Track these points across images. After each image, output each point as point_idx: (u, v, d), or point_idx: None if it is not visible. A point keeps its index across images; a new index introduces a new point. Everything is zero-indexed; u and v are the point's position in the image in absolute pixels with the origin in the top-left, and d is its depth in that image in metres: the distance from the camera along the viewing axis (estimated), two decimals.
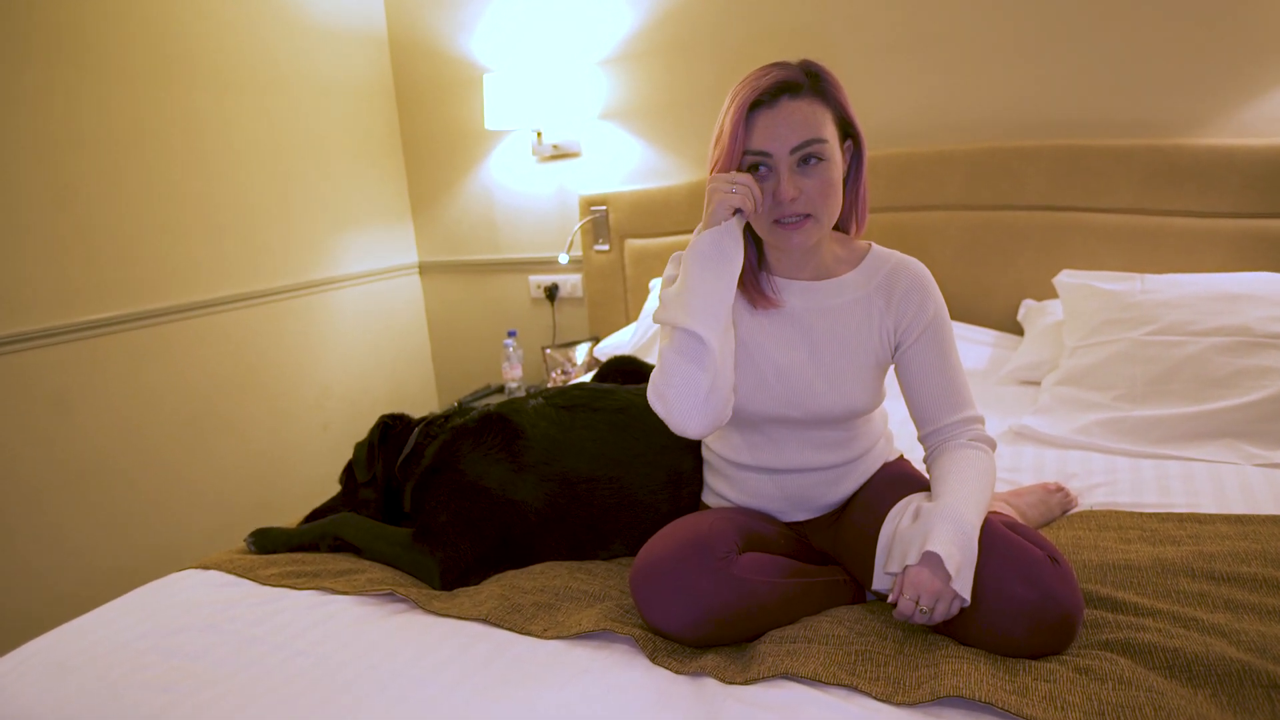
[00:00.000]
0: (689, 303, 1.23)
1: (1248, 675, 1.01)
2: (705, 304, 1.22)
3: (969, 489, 1.22)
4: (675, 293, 1.25)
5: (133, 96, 2.54)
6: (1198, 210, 2.25)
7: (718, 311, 1.23)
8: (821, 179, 1.24)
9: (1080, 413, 1.93)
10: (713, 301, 1.23)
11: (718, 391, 1.24)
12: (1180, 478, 1.66)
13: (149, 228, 2.59)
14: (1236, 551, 1.31)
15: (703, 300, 1.22)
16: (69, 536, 2.41)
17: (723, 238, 1.24)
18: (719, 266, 1.24)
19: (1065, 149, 2.39)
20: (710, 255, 1.24)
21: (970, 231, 2.53)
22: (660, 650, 1.18)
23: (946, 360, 1.35)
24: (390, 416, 1.75)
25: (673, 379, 1.23)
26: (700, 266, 1.24)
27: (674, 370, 1.23)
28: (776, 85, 1.23)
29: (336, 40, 3.21)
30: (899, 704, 1.02)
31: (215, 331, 2.80)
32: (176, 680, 1.19)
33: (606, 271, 3.18)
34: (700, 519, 1.31)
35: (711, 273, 1.23)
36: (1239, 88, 2.25)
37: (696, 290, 1.23)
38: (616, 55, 3.04)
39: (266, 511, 2.83)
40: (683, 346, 1.22)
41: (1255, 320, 1.87)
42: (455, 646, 1.22)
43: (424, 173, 3.52)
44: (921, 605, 1.10)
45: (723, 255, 1.24)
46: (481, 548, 1.48)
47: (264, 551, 1.62)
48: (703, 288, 1.23)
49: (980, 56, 2.53)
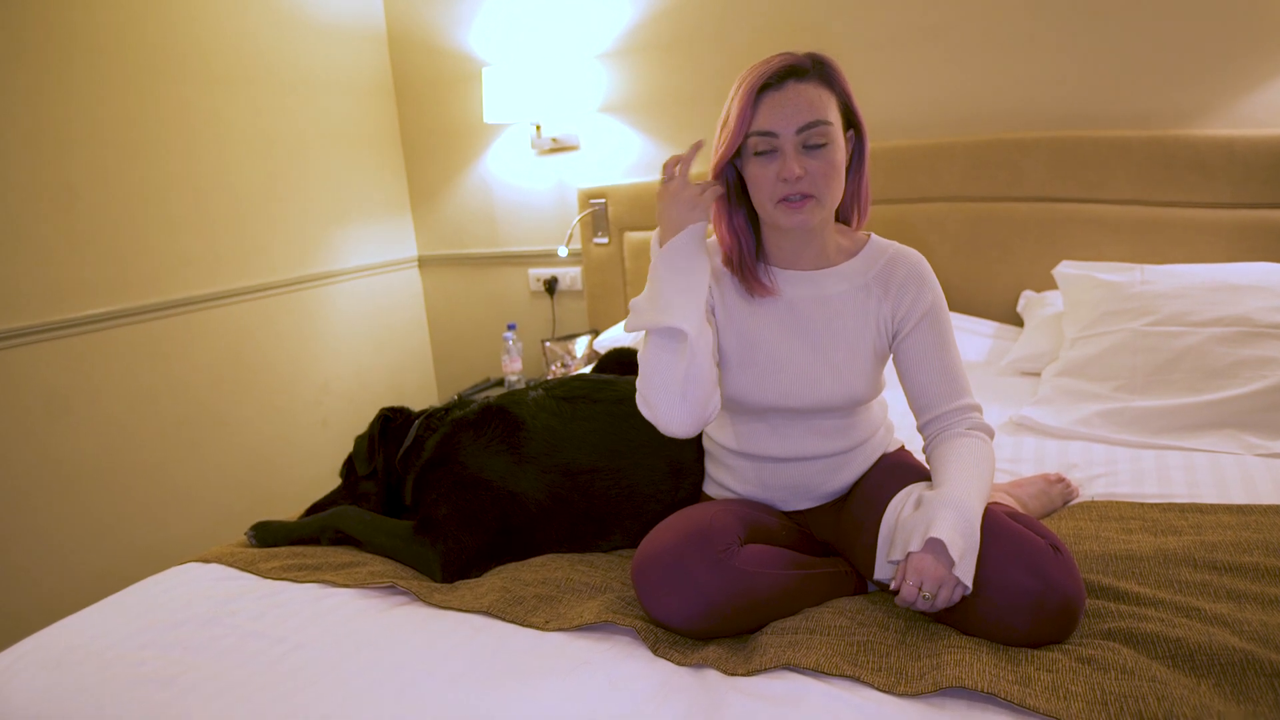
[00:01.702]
0: (660, 303, 1.25)
1: (1250, 664, 1.01)
2: (677, 299, 1.25)
3: (970, 476, 1.22)
4: (644, 298, 1.28)
5: (130, 92, 2.53)
6: (1197, 201, 2.25)
7: (690, 304, 1.25)
8: (825, 160, 1.25)
9: (1081, 403, 1.93)
10: (685, 297, 1.25)
11: (696, 383, 1.24)
12: (1181, 468, 1.66)
13: (147, 223, 2.59)
14: (1238, 541, 1.31)
15: (674, 297, 1.25)
16: (66, 534, 2.41)
17: (689, 243, 1.27)
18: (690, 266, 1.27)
19: (1064, 140, 2.38)
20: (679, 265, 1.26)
21: (969, 223, 2.53)
22: (662, 642, 1.18)
23: (944, 349, 1.35)
24: (390, 410, 1.74)
25: (652, 378, 1.26)
26: (670, 271, 1.26)
27: (652, 369, 1.26)
28: (784, 69, 1.25)
29: (335, 35, 3.20)
30: (901, 694, 1.02)
31: (213, 327, 2.79)
32: (178, 674, 1.19)
33: (606, 264, 3.18)
34: (702, 510, 1.31)
35: (682, 274, 1.26)
36: (1237, 78, 2.25)
37: (665, 290, 1.25)
38: (616, 48, 3.04)
39: (266, 506, 2.82)
40: (656, 344, 1.26)
41: (1255, 310, 1.87)
42: (457, 639, 1.22)
43: (423, 166, 3.51)
44: (925, 591, 1.10)
45: (691, 261, 1.27)
46: (482, 540, 1.48)
47: (265, 545, 1.62)
48: (672, 286, 1.26)
49: (979, 49, 2.52)
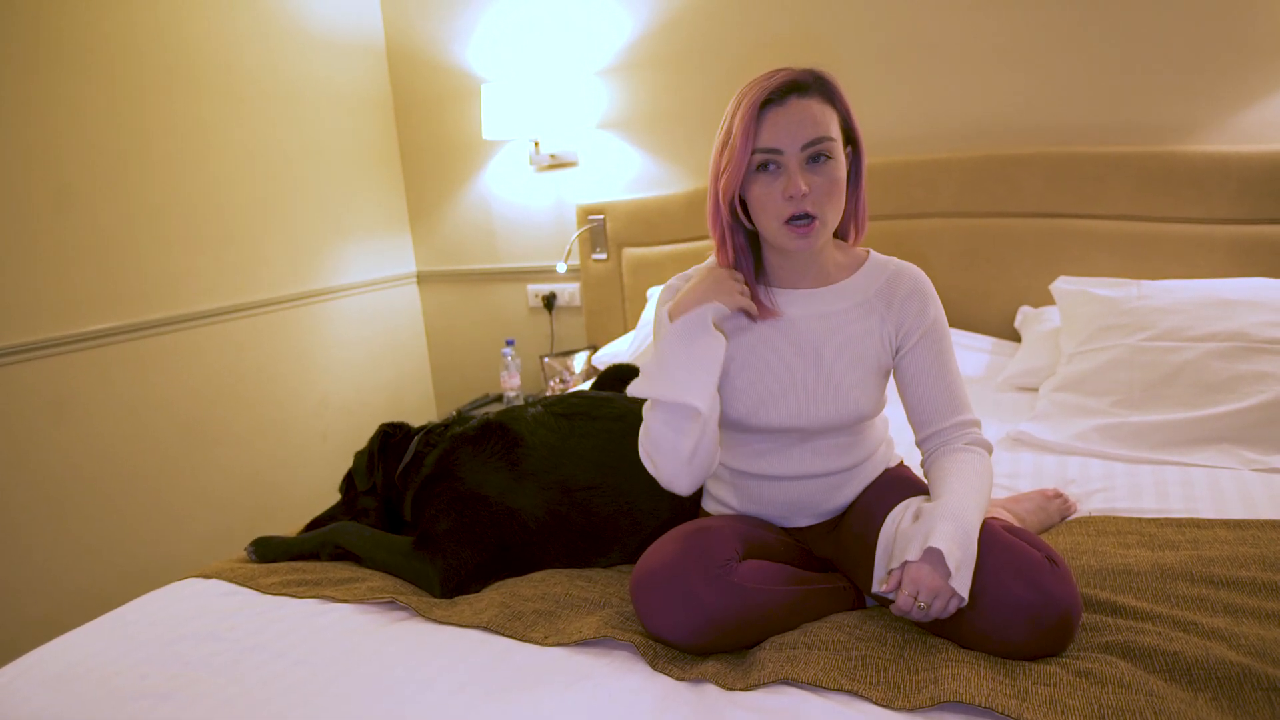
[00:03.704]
0: (674, 376, 1.25)
1: (1247, 678, 1.01)
2: (693, 375, 1.24)
3: (968, 489, 1.22)
4: (656, 366, 1.27)
5: (130, 107, 2.55)
6: (1193, 216, 2.26)
7: (705, 380, 1.25)
8: (828, 177, 1.25)
9: (1078, 419, 1.93)
10: (700, 373, 1.25)
11: (704, 452, 1.28)
12: (1178, 483, 1.66)
13: (146, 238, 2.60)
14: (1235, 556, 1.31)
15: (689, 372, 1.25)
16: (65, 550, 2.41)
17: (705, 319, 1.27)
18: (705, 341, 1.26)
19: (1061, 155, 2.40)
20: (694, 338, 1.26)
21: (966, 239, 2.54)
22: (661, 657, 1.18)
23: (944, 364, 1.35)
24: (390, 425, 1.75)
25: (660, 445, 1.27)
26: (685, 343, 1.26)
27: (660, 437, 1.27)
28: (786, 84, 1.24)
29: (334, 51, 3.22)
30: (899, 709, 1.02)
31: (212, 343, 2.80)
32: (177, 688, 1.19)
33: (604, 280, 3.19)
34: (700, 526, 1.31)
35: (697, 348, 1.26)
36: (1234, 94, 2.26)
37: (680, 363, 1.25)
38: (614, 65, 3.06)
39: (266, 521, 2.82)
40: (666, 417, 1.26)
41: (1252, 325, 1.88)
42: (456, 654, 1.22)
43: (422, 182, 3.53)
44: (920, 601, 1.10)
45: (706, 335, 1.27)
46: (481, 555, 1.48)
47: (264, 560, 1.62)
48: (687, 360, 1.25)
49: (975, 64, 2.54)
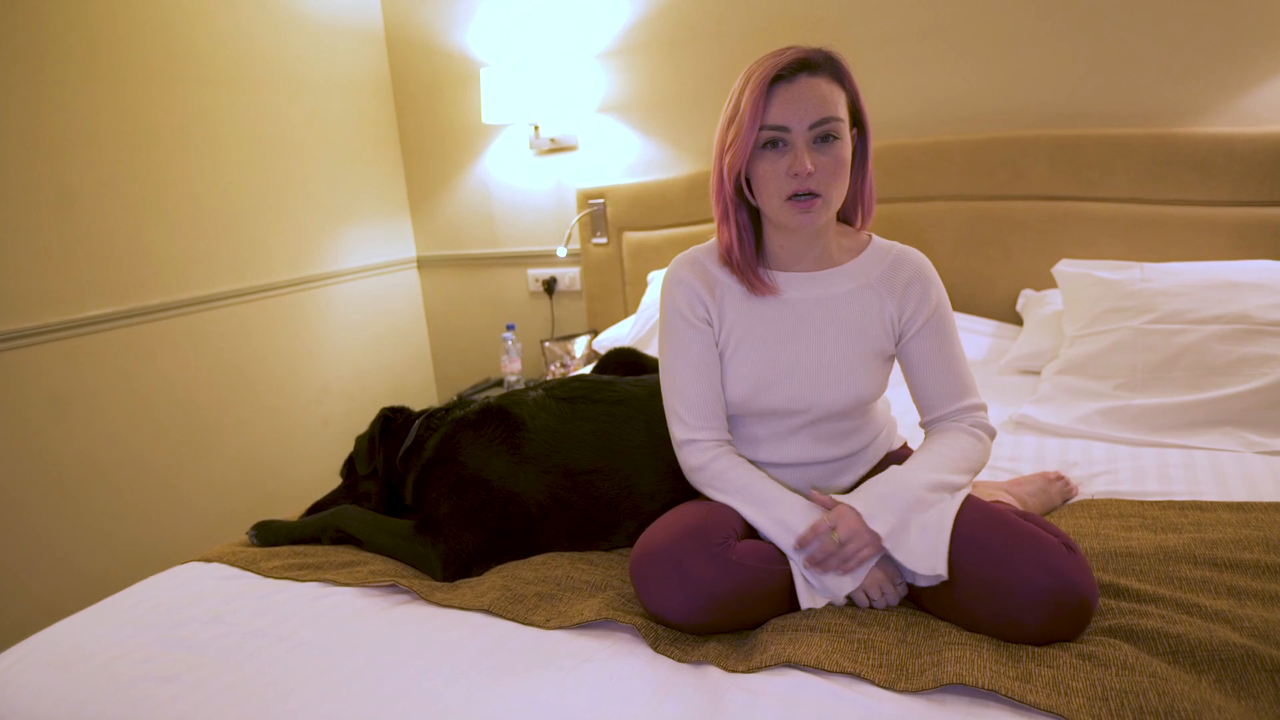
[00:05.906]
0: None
1: (1251, 660, 1.01)
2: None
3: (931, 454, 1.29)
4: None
5: (128, 93, 2.53)
6: (1196, 199, 2.25)
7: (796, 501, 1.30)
8: (835, 157, 1.25)
9: (1081, 401, 1.93)
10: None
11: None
12: (1181, 466, 1.66)
13: (146, 224, 2.59)
14: (1238, 538, 1.31)
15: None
16: (67, 535, 2.41)
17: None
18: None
19: (1064, 138, 2.38)
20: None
21: (969, 222, 2.53)
22: (662, 639, 1.18)
23: (949, 349, 1.35)
24: (391, 409, 1.74)
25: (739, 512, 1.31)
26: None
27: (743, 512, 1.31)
28: (796, 62, 1.23)
29: (333, 36, 3.20)
30: (902, 691, 1.02)
31: (213, 328, 2.79)
32: (180, 672, 1.19)
33: (604, 264, 3.18)
34: (698, 507, 1.31)
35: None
36: (1237, 76, 2.25)
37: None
38: (614, 48, 3.04)
39: (267, 506, 2.82)
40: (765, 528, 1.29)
41: (1255, 308, 1.87)
42: (458, 637, 1.22)
43: (422, 167, 3.51)
44: (837, 534, 1.19)
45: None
46: (483, 539, 1.48)
47: (266, 544, 1.62)
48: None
49: (978, 47, 2.52)
